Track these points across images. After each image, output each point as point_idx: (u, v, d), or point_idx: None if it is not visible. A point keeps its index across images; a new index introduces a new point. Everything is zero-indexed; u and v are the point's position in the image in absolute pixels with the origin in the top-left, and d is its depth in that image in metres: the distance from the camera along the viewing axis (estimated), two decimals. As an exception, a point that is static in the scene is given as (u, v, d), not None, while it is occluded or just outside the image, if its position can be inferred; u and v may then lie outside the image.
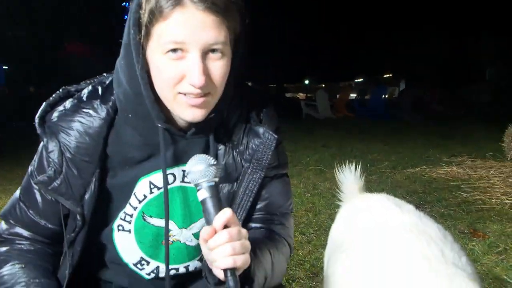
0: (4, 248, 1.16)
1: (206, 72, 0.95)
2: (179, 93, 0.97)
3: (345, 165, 2.02)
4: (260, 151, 1.14)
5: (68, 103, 1.10)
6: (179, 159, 1.13)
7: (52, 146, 1.06)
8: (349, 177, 1.96)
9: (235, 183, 1.16)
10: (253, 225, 1.22)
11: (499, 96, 21.21)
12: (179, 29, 0.92)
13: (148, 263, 1.20)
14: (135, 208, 1.14)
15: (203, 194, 0.92)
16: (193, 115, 1.00)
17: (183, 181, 1.15)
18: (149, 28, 0.94)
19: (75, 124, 1.06)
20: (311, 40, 27.15)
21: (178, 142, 1.10)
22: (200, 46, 0.93)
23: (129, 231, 1.16)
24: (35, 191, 1.12)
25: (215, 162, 0.94)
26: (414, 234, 1.26)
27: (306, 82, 41.85)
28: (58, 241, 1.17)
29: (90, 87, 1.12)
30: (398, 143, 7.57)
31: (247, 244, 0.92)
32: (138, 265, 1.20)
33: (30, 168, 1.15)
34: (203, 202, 0.92)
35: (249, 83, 1.18)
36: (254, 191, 1.15)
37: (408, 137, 8.51)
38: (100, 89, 1.11)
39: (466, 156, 6.01)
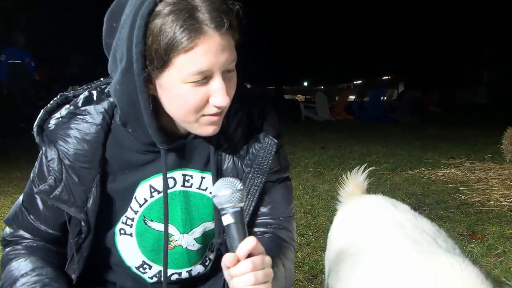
0: (8, 249, 1.18)
1: (227, 92, 0.96)
2: (203, 115, 0.97)
3: (346, 167, 2.04)
4: (260, 156, 1.14)
5: (64, 110, 1.09)
6: (180, 163, 1.12)
7: (51, 154, 1.07)
8: (355, 179, 1.98)
9: None
10: (256, 229, 1.22)
11: (497, 98, 21.27)
12: (204, 59, 0.90)
13: (150, 267, 1.20)
14: (136, 212, 1.14)
15: (228, 219, 0.91)
16: (212, 131, 1.01)
17: (183, 185, 1.15)
18: (165, 60, 0.91)
19: (72, 132, 1.06)
20: (310, 42, 27.18)
21: (178, 146, 1.10)
22: (221, 68, 0.94)
23: (131, 234, 1.16)
24: (37, 197, 1.13)
25: (241, 187, 0.93)
26: (408, 228, 1.28)
27: (305, 84, 41.89)
28: (60, 244, 1.17)
29: (86, 93, 1.12)
30: (397, 146, 7.57)
31: (270, 272, 0.92)
32: (141, 269, 1.20)
33: (31, 175, 1.16)
34: (227, 227, 0.92)
35: (248, 85, 1.17)
36: (256, 196, 1.15)
37: (406, 140, 8.52)
38: (95, 94, 1.11)
39: (465, 158, 6.02)
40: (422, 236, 1.23)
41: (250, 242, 0.89)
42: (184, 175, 1.14)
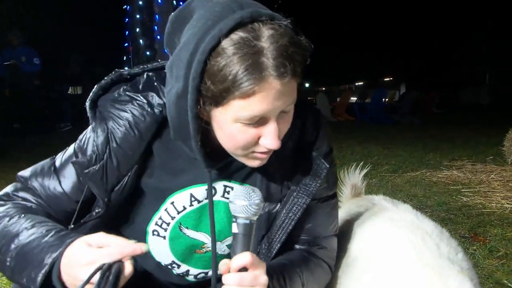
0: (3, 208, 1.07)
1: (279, 134, 0.94)
2: (252, 151, 0.96)
3: (346, 169, 2.03)
4: (309, 178, 1.12)
5: (122, 90, 1.06)
6: (223, 174, 1.11)
7: (100, 131, 1.04)
8: (353, 179, 1.97)
9: (279, 204, 1.14)
10: (298, 246, 1.21)
11: (498, 98, 21.24)
12: (261, 106, 0.87)
13: (179, 266, 1.20)
14: (173, 218, 1.13)
15: (237, 229, 0.92)
16: (258, 164, 1.01)
17: (223, 196, 1.13)
18: (220, 100, 0.88)
19: (126, 115, 1.03)
20: (311, 43, 27.15)
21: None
22: (278, 112, 0.91)
23: (164, 237, 1.15)
24: (70, 165, 1.08)
25: (258, 201, 0.92)
26: (410, 230, 1.26)
27: (306, 85, 41.89)
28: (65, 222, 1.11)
29: (145, 76, 1.09)
30: (398, 147, 7.55)
31: None
32: (169, 266, 1.20)
33: (75, 144, 1.12)
34: (234, 235, 0.93)
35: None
36: (297, 215, 1.13)
37: (408, 141, 8.50)
38: (156, 82, 1.07)
39: (466, 160, 6.01)
40: (424, 241, 1.21)
41: (244, 258, 0.89)
42: (225, 186, 1.13)
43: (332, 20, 27.24)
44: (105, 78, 1.08)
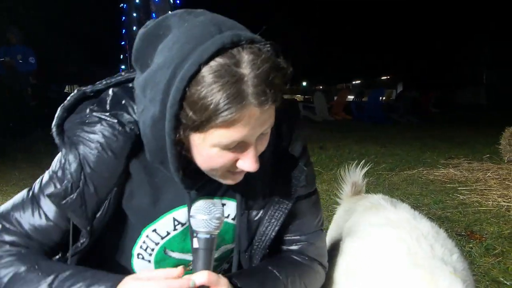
0: None
1: (257, 155, 0.93)
2: (228, 171, 0.95)
3: (346, 167, 2.04)
4: (288, 182, 1.12)
5: (89, 111, 1.01)
6: (203, 191, 1.10)
7: (72, 158, 0.98)
8: (353, 177, 1.98)
9: (261, 211, 1.14)
10: (285, 247, 1.21)
11: (496, 99, 21.30)
12: (240, 133, 0.85)
13: None
14: (157, 244, 1.11)
15: (197, 244, 0.91)
16: (234, 182, 0.99)
17: None
18: (199, 127, 0.85)
19: (97, 137, 0.98)
20: (309, 42, 27.20)
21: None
22: (257, 136, 0.90)
23: (149, 261, 1.14)
24: (45, 199, 1.03)
25: (219, 215, 0.92)
26: (406, 230, 1.26)
27: (304, 84, 41.89)
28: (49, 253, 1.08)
29: (111, 92, 1.03)
30: (395, 146, 7.57)
31: None
32: None
33: (48, 173, 1.06)
34: (195, 250, 0.93)
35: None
36: (280, 220, 1.13)
37: (405, 140, 8.52)
38: (124, 99, 1.02)
39: (463, 158, 6.03)
40: (419, 242, 1.21)
41: (202, 277, 0.89)
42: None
43: (331, 20, 27.25)
44: (68, 98, 1.03)
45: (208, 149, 0.89)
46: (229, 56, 0.81)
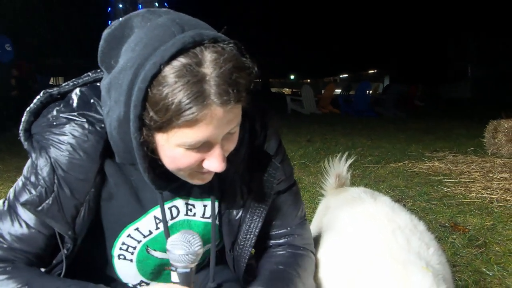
0: None
1: (224, 155, 0.91)
2: (195, 171, 0.93)
3: (331, 158, 2.04)
4: (265, 179, 1.12)
5: (56, 112, 0.98)
6: (181, 192, 1.08)
7: (43, 162, 0.95)
8: (338, 169, 1.98)
9: (241, 210, 1.14)
10: (272, 242, 1.22)
11: (480, 93, 21.58)
12: (204, 133, 0.84)
13: (147, 284, 1.17)
14: (139, 242, 1.10)
15: (176, 278, 0.90)
16: (203, 182, 0.98)
17: (187, 214, 1.12)
18: (163, 127, 0.84)
19: (67, 138, 0.95)
20: (297, 35, 27.19)
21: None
22: (222, 136, 0.89)
23: (131, 260, 1.12)
24: (21, 209, 0.99)
25: (197, 248, 0.90)
26: (383, 224, 1.27)
27: (292, 77, 41.93)
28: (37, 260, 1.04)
29: (78, 92, 1.01)
30: (382, 139, 7.64)
31: None
32: (138, 286, 1.18)
33: (21, 182, 1.01)
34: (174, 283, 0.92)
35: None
36: (262, 216, 1.12)
37: (391, 133, 8.61)
38: (92, 99, 0.99)
39: (448, 151, 6.11)
40: (395, 235, 1.22)
41: None
42: (187, 204, 1.11)
43: (318, 13, 27.25)
44: (34, 101, 1.00)
45: (173, 149, 0.88)
46: (192, 56, 0.80)
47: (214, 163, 0.89)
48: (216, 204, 1.13)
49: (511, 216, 3.42)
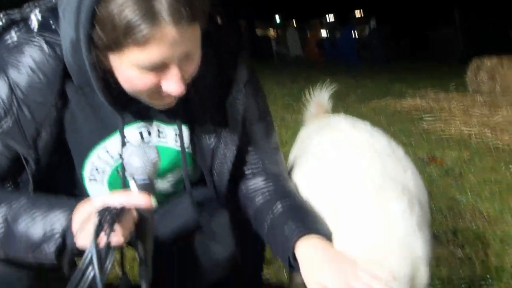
0: None
1: (183, 78, 0.88)
2: (155, 93, 0.90)
3: (311, 88, 2.02)
4: (234, 110, 1.10)
5: (15, 35, 0.94)
6: (144, 114, 1.05)
7: (1, 83, 0.93)
8: (318, 98, 1.96)
9: (213, 138, 1.11)
10: (247, 171, 1.19)
11: (466, 37, 21.45)
12: (157, 54, 0.80)
13: None
14: (107, 163, 1.07)
15: (135, 188, 0.88)
16: (165, 105, 0.95)
17: (159, 137, 1.09)
18: (114, 48, 0.81)
19: (26, 59, 0.93)
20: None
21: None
22: (179, 58, 0.84)
23: (102, 183, 1.10)
24: None
25: (155, 159, 0.88)
26: (360, 149, 1.28)
27: (277, 20, 41.04)
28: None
29: (39, 16, 0.97)
30: (365, 78, 7.64)
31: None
32: None
33: None
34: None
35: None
36: (236, 143, 1.11)
37: (375, 73, 8.60)
38: (54, 24, 0.95)
39: (430, 88, 6.13)
40: (372, 160, 1.23)
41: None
42: (158, 129, 1.08)
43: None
44: None
45: (127, 70, 0.85)
46: None
47: (172, 85, 0.87)
48: (186, 130, 1.11)
49: (488, 149, 3.51)
